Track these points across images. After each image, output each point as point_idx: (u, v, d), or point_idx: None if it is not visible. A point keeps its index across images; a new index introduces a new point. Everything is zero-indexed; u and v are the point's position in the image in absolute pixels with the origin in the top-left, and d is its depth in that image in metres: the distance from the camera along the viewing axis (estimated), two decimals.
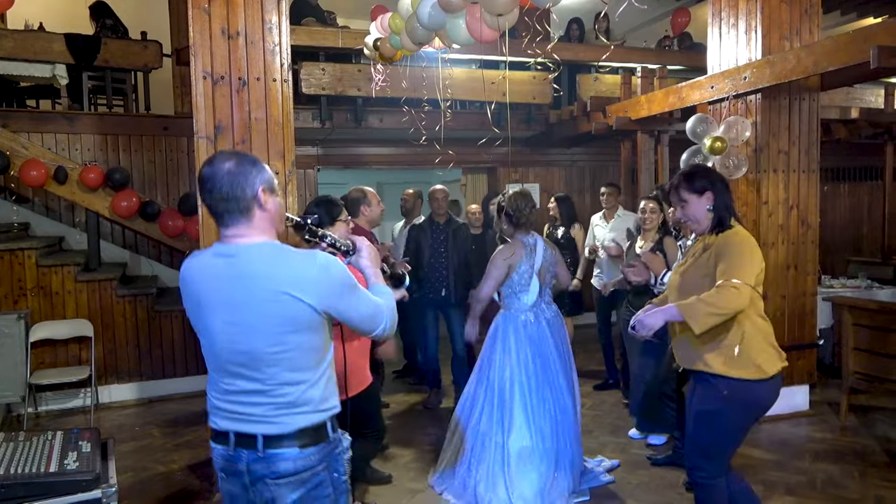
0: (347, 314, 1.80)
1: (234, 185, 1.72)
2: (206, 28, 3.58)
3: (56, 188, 5.43)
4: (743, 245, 2.51)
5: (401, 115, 5.60)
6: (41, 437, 2.69)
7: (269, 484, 1.78)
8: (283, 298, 1.70)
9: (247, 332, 1.74)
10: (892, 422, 4.58)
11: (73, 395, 5.46)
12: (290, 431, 1.77)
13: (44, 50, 6.11)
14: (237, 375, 1.79)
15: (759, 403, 2.57)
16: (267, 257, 1.74)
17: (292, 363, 1.76)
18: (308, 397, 1.78)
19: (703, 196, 2.60)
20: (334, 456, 1.85)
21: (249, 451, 1.78)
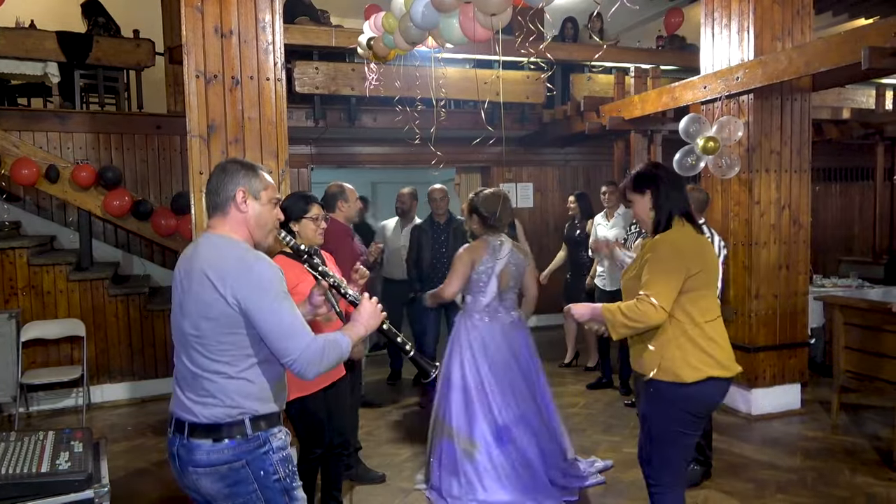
0: (261, 321, 1.80)
1: (219, 182, 1.92)
2: (199, 26, 3.56)
3: (48, 187, 5.40)
4: (668, 254, 2.45)
5: (394, 115, 5.59)
6: (32, 437, 2.67)
7: (191, 472, 1.87)
8: (204, 281, 1.82)
9: (181, 311, 1.88)
10: (883, 420, 4.61)
11: (65, 394, 5.44)
12: (206, 423, 1.84)
13: (35, 48, 6.07)
14: (177, 358, 1.92)
15: (688, 406, 2.47)
16: (214, 244, 1.89)
17: (209, 350, 1.83)
18: (226, 389, 1.83)
19: (644, 195, 2.57)
20: (258, 455, 1.86)
21: (179, 436, 1.88)
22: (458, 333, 3.65)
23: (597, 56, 6.79)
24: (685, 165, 4.67)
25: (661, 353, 2.47)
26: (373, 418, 4.98)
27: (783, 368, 4.88)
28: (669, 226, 2.53)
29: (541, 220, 8.36)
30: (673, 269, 2.43)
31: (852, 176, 9.98)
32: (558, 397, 5.36)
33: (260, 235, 1.96)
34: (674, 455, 2.55)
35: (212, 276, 1.81)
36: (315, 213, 2.99)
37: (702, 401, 2.50)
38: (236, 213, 1.91)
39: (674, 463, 2.56)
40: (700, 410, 2.52)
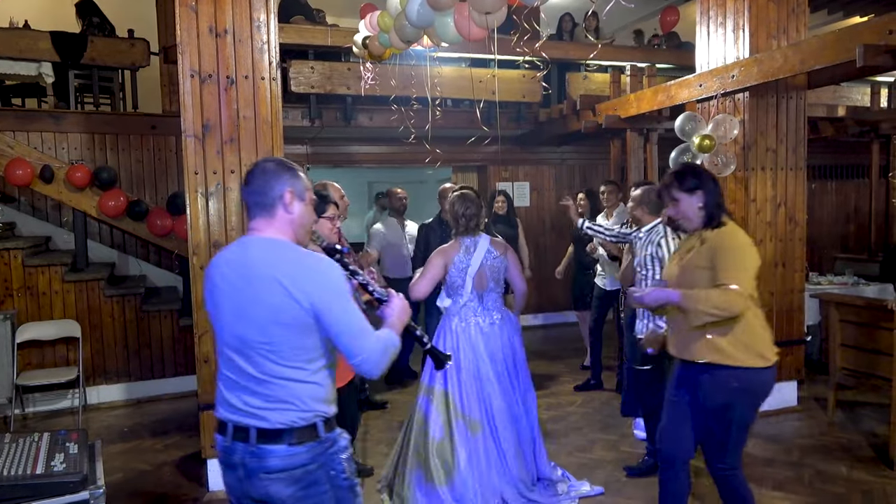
0: (332, 322, 1.80)
1: (266, 183, 1.87)
2: (194, 26, 3.56)
3: (42, 187, 5.38)
4: (741, 247, 2.60)
5: (390, 114, 5.60)
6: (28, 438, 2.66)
7: (263, 479, 1.82)
8: (273, 285, 1.78)
9: (240, 318, 1.83)
10: (879, 417, 4.62)
11: (61, 396, 5.42)
12: (280, 428, 1.81)
13: (29, 48, 6.05)
14: (234, 364, 1.86)
15: (764, 390, 2.67)
16: (270, 247, 1.86)
17: (280, 356, 1.81)
18: (298, 394, 1.82)
19: (693, 195, 2.66)
20: (329, 455, 1.87)
21: (244, 444, 1.83)
22: (438, 335, 3.59)
23: (592, 55, 6.79)
24: (681, 164, 4.68)
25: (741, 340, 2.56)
26: (374, 417, 4.98)
27: (780, 366, 4.83)
28: (721, 221, 2.65)
29: (537, 218, 8.36)
30: (748, 260, 2.57)
31: (848, 173, 10.00)
32: (554, 396, 5.41)
33: (302, 236, 1.96)
34: (746, 437, 2.71)
35: (284, 281, 1.77)
36: (332, 213, 3.08)
37: (774, 378, 2.68)
38: (283, 214, 1.88)
39: (744, 444, 2.73)
40: (772, 388, 2.72)
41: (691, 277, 2.64)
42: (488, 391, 3.50)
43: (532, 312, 8.11)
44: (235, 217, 3.69)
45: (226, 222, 3.67)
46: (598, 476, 3.85)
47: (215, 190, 3.65)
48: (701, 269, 2.62)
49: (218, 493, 3.72)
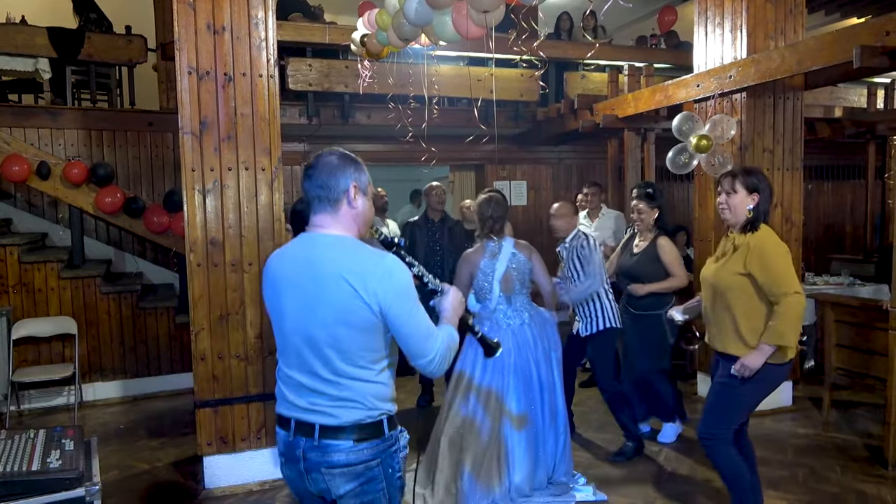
0: (400, 323, 1.78)
1: (331, 176, 1.83)
2: (192, 23, 3.55)
3: (39, 184, 5.36)
4: (779, 253, 2.75)
5: (388, 112, 5.59)
6: (23, 435, 2.66)
7: (324, 473, 1.83)
8: (342, 285, 1.75)
9: (308, 317, 1.80)
10: (874, 417, 4.64)
11: (57, 392, 5.41)
12: (346, 424, 1.81)
13: (26, 43, 6.03)
14: (300, 361, 1.84)
15: (773, 385, 2.87)
16: (338, 245, 1.82)
17: (347, 356, 1.79)
18: (364, 393, 1.82)
19: (751, 194, 2.80)
20: (389, 453, 1.88)
21: (307, 439, 1.84)
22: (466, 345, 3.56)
23: (589, 54, 6.79)
24: (678, 163, 4.69)
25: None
26: None
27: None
28: (757, 227, 2.79)
29: (535, 218, 8.36)
30: (788, 259, 2.76)
31: (844, 174, 10.03)
32: None
33: (364, 231, 1.93)
34: (740, 419, 2.92)
35: (353, 281, 1.74)
36: None
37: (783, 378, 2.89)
38: (347, 209, 1.85)
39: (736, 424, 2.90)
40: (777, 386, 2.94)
41: (725, 282, 2.82)
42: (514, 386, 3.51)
43: None
44: (233, 214, 3.69)
45: (223, 219, 3.67)
46: (594, 475, 3.86)
47: (213, 187, 3.64)
48: (734, 274, 2.78)
49: (214, 490, 3.72)
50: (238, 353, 3.73)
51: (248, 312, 3.73)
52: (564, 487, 3.60)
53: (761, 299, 2.75)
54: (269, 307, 1.94)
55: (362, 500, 1.85)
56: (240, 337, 3.73)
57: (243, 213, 3.70)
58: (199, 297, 3.64)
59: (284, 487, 3.78)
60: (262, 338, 3.76)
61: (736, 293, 2.79)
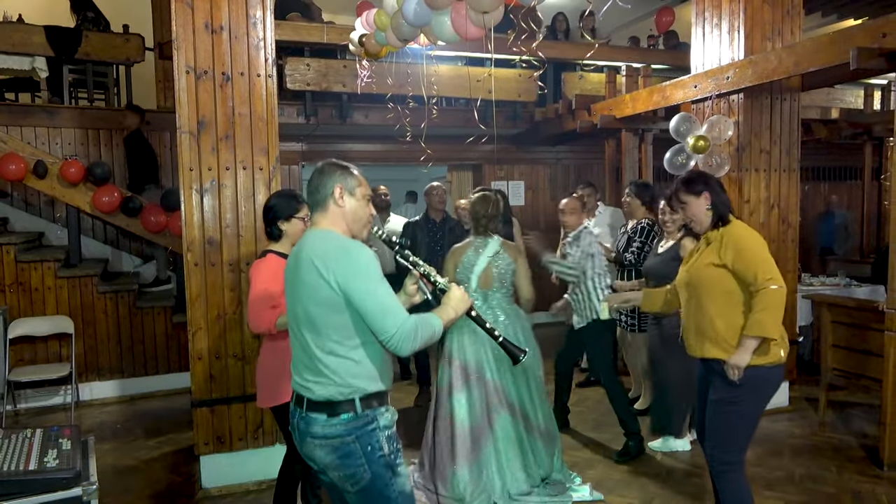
0: (360, 299, 1.94)
1: (319, 181, 2.10)
2: (190, 22, 3.55)
3: (35, 183, 5.35)
4: (754, 240, 2.70)
5: (386, 112, 5.59)
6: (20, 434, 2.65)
7: (309, 443, 2.04)
8: (311, 268, 1.98)
9: (293, 298, 2.07)
10: (869, 417, 4.66)
11: (54, 392, 5.40)
12: (320, 399, 2.00)
13: (23, 42, 6.01)
14: (294, 339, 2.10)
15: (771, 388, 2.74)
16: (318, 236, 2.06)
17: (318, 333, 1.99)
18: (335, 369, 1.99)
19: (700, 197, 2.77)
20: (367, 431, 2.00)
21: (299, 411, 2.06)
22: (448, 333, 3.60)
23: (588, 55, 6.80)
24: (675, 164, 4.70)
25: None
26: None
27: None
28: (727, 221, 2.75)
29: (532, 217, 8.37)
30: (764, 248, 2.69)
31: (841, 175, 10.06)
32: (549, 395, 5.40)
33: (356, 229, 2.13)
34: (747, 436, 2.75)
35: (317, 263, 1.96)
36: (304, 214, 2.97)
37: (783, 375, 2.77)
38: (335, 208, 2.08)
39: (745, 443, 2.75)
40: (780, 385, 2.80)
41: (699, 278, 2.75)
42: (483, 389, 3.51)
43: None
44: (230, 214, 3.68)
45: (220, 219, 3.66)
46: (591, 475, 3.87)
47: (210, 186, 3.64)
48: (710, 266, 2.71)
49: (210, 490, 3.72)
50: (235, 353, 3.73)
51: (246, 312, 3.72)
52: (561, 487, 3.60)
53: (738, 293, 2.65)
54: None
55: (342, 473, 2.01)
56: (237, 336, 3.73)
57: (241, 212, 3.70)
58: (196, 296, 3.64)
59: None
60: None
61: (709, 290, 2.71)
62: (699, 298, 2.75)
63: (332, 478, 2.05)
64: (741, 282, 2.65)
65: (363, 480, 2.00)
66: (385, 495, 2.02)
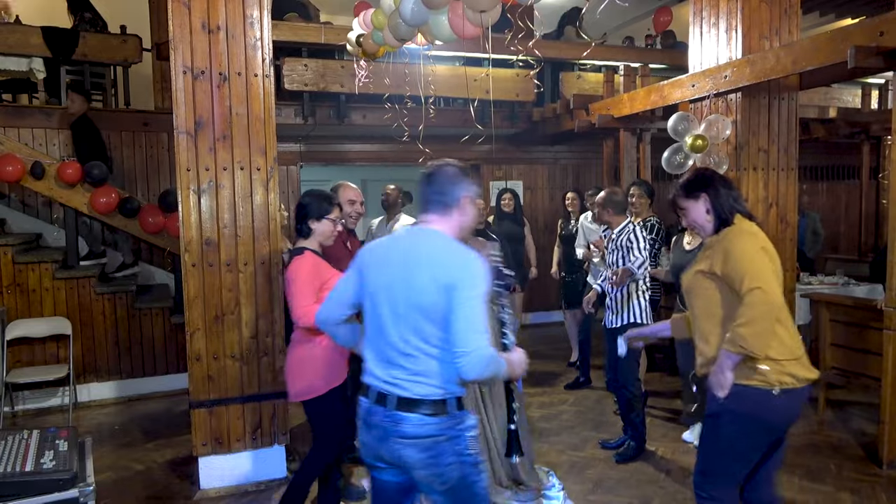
0: (456, 305, 1.92)
1: (449, 186, 2.09)
2: (187, 22, 3.54)
3: (33, 184, 5.34)
4: (746, 242, 2.36)
5: (384, 112, 5.58)
6: (17, 435, 2.64)
7: (397, 442, 2.02)
8: (425, 270, 1.98)
9: (394, 296, 2.03)
10: (868, 416, 4.66)
11: (51, 393, 5.39)
12: (416, 398, 1.99)
13: (20, 43, 6.00)
14: (384, 336, 2.05)
15: (761, 418, 2.31)
16: (433, 237, 2.07)
17: (422, 333, 1.98)
18: (433, 371, 1.99)
19: (699, 200, 2.50)
20: (457, 431, 2.02)
21: (384, 408, 2.03)
22: None
23: (585, 54, 6.80)
24: (673, 163, 4.70)
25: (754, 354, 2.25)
26: None
27: None
28: (730, 222, 2.46)
29: (531, 217, 8.34)
30: (756, 251, 2.33)
31: (838, 174, 10.07)
32: (547, 395, 5.41)
33: (465, 235, 2.17)
34: (735, 468, 2.39)
35: (434, 266, 1.97)
36: (335, 216, 3.11)
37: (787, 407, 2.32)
38: (458, 216, 2.10)
39: (734, 476, 2.40)
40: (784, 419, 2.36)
41: (692, 285, 2.52)
42: None
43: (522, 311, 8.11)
44: (228, 214, 3.67)
45: (218, 219, 3.66)
46: (589, 474, 3.87)
47: (208, 187, 3.63)
48: (700, 274, 2.47)
49: (209, 491, 3.71)
50: (233, 354, 3.72)
51: (244, 313, 3.72)
52: (533, 492, 3.49)
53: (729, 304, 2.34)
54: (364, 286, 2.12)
55: (432, 472, 2.01)
56: (235, 337, 3.72)
57: (238, 213, 3.70)
58: (194, 297, 3.63)
59: (279, 488, 3.77)
60: (257, 338, 3.75)
61: (700, 299, 2.46)
62: (693, 308, 2.53)
63: (419, 477, 2.04)
64: (732, 291, 2.32)
65: (452, 480, 2.02)
66: (473, 492, 2.07)
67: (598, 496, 3.62)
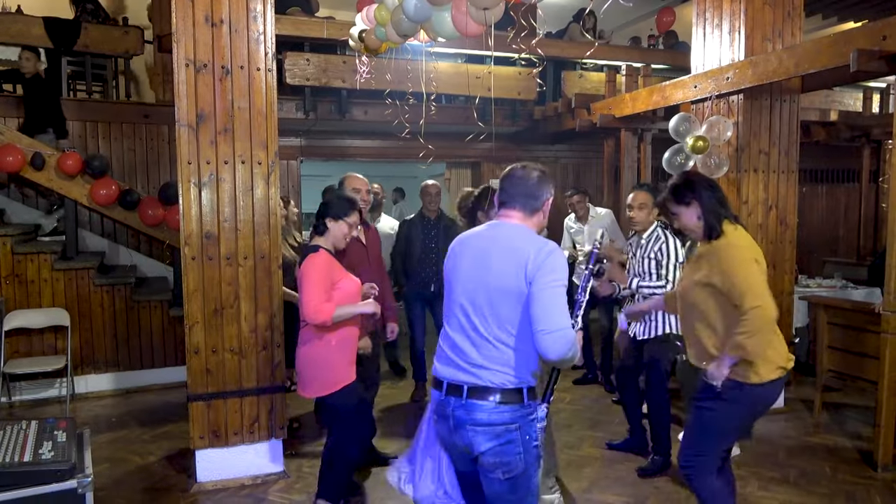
0: (539, 290, 1.99)
1: (537, 187, 2.20)
2: (190, 15, 3.53)
3: (33, 174, 5.33)
4: (742, 259, 2.54)
5: (385, 108, 5.58)
6: (15, 426, 2.65)
7: (468, 429, 2.08)
8: (508, 261, 2.05)
9: (474, 283, 2.11)
10: (864, 419, 4.67)
11: (49, 384, 5.39)
12: (490, 386, 2.06)
13: (22, 33, 5.99)
14: (460, 324, 2.13)
15: (752, 408, 2.66)
16: (515, 230, 2.16)
17: (500, 322, 2.06)
18: (508, 360, 2.06)
19: (690, 207, 2.65)
20: (528, 420, 2.09)
21: (456, 398, 2.10)
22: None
23: (588, 53, 6.80)
24: (674, 164, 4.70)
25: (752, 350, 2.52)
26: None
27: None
28: (720, 231, 2.61)
29: None
30: (751, 266, 2.54)
31: (838, 178, 10.08)
32: None
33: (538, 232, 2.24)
34: (720, 445, 2.71)
35: (517, 257, 2.04)
36: (354, 220, 3.16)
37: (770, 395, 2.67)
38: (540, 216, 2.22)
39: (717, 452, 2.70)
40: (767, 405, 2.72)
41: (686, 293, 2.70)
42: None
43: None
44: (228, 208, 3.67)
45: (218, 213, 3.66)
46: (587, 473, 3.88)
47: (208, 180, 3.63)
48: (699, 285, 2.63)
49: (205, 484, 3.71)
50: (232, 347, 3.72)
51: (243, 306, 3.72)
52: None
53: (726, 309, 2.57)
54: (446, 277, 2.25)
55: (500, 460, 2.06)
56: (234, 331, 3.72)
57: (239, 206, 3.69)
58: (193, 290, 3.63)
59: (277, 482, 3.78)
60: (256, 332, 3.76)
61: (697, 306, 2.66)
62: (687, 313, 2.73)
63: (486, 463, 2.08)
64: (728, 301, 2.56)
65: (517, 469, 2.07)
66: (532, 483, 2.13)
67: (594, 495, 3.63)
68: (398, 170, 10.11)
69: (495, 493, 2.12)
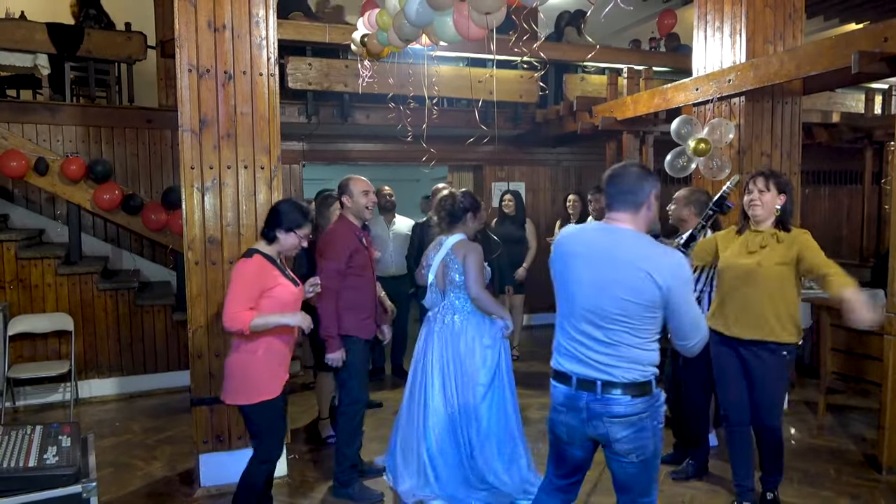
0: (677, 305, 2.17)
1: (638, 184, 2.26)
2: (192, 20, 3.55)
3: (36, 179, 5.35)
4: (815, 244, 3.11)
5: (387, 112, 5.59)
6: (20, 431, 2.66)
7: (605, 421, 2.24)
8: (638, 270, 2.16)
9: (601, 292, 2.21)
10: (868, 421, 4.66)
11: (53, 389, 5.40)
12: (625, 382, 2.21)
13: (25, 39, 6.01)
14: (587, 328, 2.25)
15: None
16: (635, 240, 2.24)
17: (631, 327, 2.20)
18: (641, 357, 2.23)
19: (781, 195, 3.10)
20: (656, 407, 2.27)
21: (589, 392, 2.25)
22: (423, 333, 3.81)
23: (589, 56, 6.81)
24: (676, 167, 4.70)
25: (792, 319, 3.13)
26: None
27: None
28: (789, 225, 3.14)
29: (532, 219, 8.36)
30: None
31: (841, 179, 10.06)
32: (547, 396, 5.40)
33: (647, 229, 2.33)
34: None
35: (649, 269, 2.14)
36: (305, 233, 3.00)
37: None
38: (645, 212, 2.27)
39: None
40: None
41: (769, 271, 3.09)
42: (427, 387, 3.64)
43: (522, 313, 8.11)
44: (231, 213, 3.68)
45: (221, 218, 3.66)
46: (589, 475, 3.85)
47: (211, 185, 3.64)
48: (780, 265, 3.08)
49: (209, 488, 3.71)
50: None
51: None
52: (505, 497, 3.46)
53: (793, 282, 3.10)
54: (557, 277, 2.36)
55: (635, 445, 2.24)
56: None
57: (242, 211, 3.70)
58: (196, 294, 3.64)
59: (280, 486, 3.78)
60: None
61: (779, 282, 3.07)
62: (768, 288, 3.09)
63: (620, 450, 2.24)
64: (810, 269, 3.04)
65: (647, 451, 2.25)
66: (655, 465, 2.32)
67: (597, 497, 3.63)
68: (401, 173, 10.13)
69: (629, 475, 2.29)
